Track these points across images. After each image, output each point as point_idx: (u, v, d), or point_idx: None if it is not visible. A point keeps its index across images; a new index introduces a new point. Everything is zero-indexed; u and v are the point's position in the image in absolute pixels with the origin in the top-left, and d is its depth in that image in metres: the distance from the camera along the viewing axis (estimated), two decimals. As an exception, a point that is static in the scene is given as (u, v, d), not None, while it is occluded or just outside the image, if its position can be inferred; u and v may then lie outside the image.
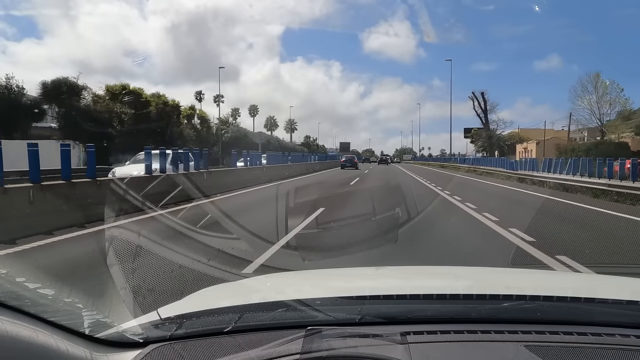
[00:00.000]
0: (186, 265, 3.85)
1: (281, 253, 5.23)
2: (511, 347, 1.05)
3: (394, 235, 6.14)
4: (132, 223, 6.96)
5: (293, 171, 23.88)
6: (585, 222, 8.61)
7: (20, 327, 0.88)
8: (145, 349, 1.07)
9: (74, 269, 4.47)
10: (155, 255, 4.12)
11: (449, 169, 39.77)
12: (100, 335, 1.08)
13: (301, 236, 6.26)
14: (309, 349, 1.00)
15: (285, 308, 1.23)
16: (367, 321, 1.18)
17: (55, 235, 6.20)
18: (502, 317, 1.20)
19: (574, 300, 1.31)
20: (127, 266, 3.19)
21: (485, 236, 6.64)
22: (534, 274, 2.60)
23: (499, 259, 5.26)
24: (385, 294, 1.39)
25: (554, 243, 5.97)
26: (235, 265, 4.28)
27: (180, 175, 11.55)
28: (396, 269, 2.41)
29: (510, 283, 1.76)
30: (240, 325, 1.16)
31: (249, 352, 1.02)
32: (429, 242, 6.07)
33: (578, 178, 15.10)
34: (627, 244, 6.33)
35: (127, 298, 2.14)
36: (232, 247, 5.09)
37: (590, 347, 1.05)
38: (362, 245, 5.56)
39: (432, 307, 1.28)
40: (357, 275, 2.01)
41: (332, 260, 4.75)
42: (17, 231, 6.03)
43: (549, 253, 5.24)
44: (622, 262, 5.05)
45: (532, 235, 6.33)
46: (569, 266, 4.71)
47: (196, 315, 1.22)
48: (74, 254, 5.33)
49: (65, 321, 1.02)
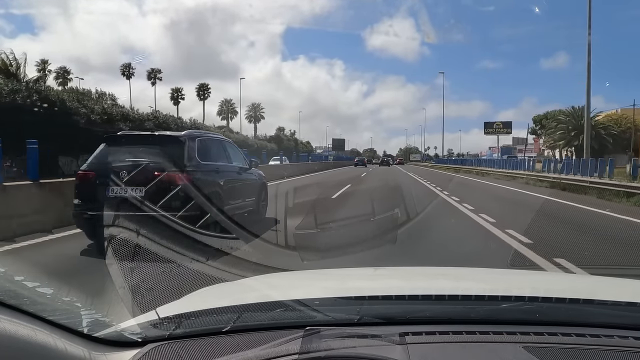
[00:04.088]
0: (185, 264, 3.85)
1: (280, 253, 5.22)
2: (510, 348, 1.05)
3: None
4: (130, 222, 6.95)
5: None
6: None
7: (19, 326, 0.88)
8: (143, 348, 1.07)
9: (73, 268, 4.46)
10: (154, 254, 4.11)
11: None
12: (99, 335, 1.08)
13: (300, 236, 6.25)
14: (307, 349, 0.99)
15: (283, 308, 1.23)
16: (366, 321, 1.18)
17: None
18: (500, 318, 1.20)
19: (572, 301, 1.31)
20: (125, 265, 3.19)
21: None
22: (532, 275, 2.60)
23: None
24: (384, 295, 1.39)
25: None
26: (234, 265, 4.28)
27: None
28: (395, 270, 2.41)
29: (509, 284, 1.76)
30: (239, 325, 1.16)
31: (248, 352, 1.02)
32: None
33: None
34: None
35: (125, 297, 2.13)
36: (231, 246, 5.09)
37: (589, 348, 1.05)
38: (361, 245, 5.55)
39: (430, 307, 1.28)
40: (356, 276, 2.01)
41: (331, 261, 4.74)
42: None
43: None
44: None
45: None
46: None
47: (195, 315, 1.22)
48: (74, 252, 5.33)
49: (63, 320, 1.02)
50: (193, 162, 6.10)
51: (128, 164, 5.73)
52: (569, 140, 40.50)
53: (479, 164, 37.27)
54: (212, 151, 6.99)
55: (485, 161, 37.99)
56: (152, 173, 5.59)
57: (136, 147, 6.30)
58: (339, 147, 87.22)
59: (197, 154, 6.30)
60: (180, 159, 5.90)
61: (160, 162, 5.77)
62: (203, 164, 6.38)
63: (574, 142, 39.47)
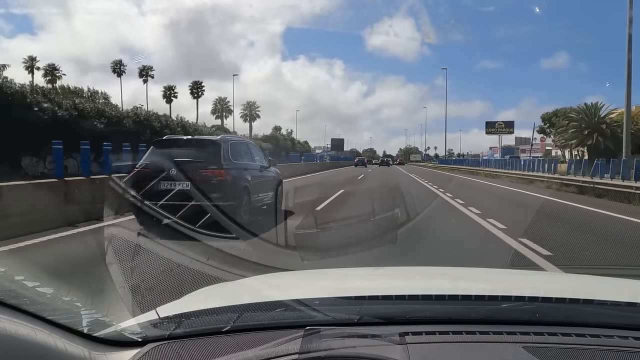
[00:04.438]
0: (185, 264, 3.85)
1: (280, 253, 5.22)
2: (510, 348, 1.05)
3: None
4: (130, 221, 6.96)
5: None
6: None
7: (19, 326, 0.88)
8: (143, 348, 1.07)
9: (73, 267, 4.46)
10: (154, 254, 4.12)
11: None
12: (99, 334, 1.08)
13: (300, 236, 6.25)
14: (307, 349, 1.00)
15: (283, 308, 1.23)
16: (366, 321, 1.18)
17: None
18: (500, 318, 1.20)
19: (572, 301, 1.31)
20: (125, 265, 3.19)
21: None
22: (532, 275, 2.60)
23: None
24: (384, 295, 1.39)
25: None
26: (234, 264, 4.28)
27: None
28: (395, 270, 2.40)
29: (509, 284, 1.76)
30: (239, 324, 1.16)
31: (248, 351, 1.02)
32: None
33: None
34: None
35: (125, 297, 2.13)
36: (231, 246, 5.09)
37: (589, 348, 1.05)
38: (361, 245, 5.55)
39: (430, 307, 1.28)
40: (356, 276, 2.01)
41: (331, 260, 4.74)
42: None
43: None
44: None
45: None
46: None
47: (195, 315, 1.22)
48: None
49: (64, 320, 1.02)
50: (227, 161, 7.29)
51: (175, 162, 6.81)
52: (581, 139, 37.85)
53: (487, 164, 34.49)
54: (241, 152, 8.15)
55: (495, 162, 35.12)
56: (196, 170, 6.84)
57: (180, 149, 7.53)
58: (337, 147, 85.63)
59: (230, 155, 7.48)
60: (218, 158, 7.13)
61: (201, 161, 7.03)
62: (234, 162, 7.54)
63: (587, 141, 36.94)
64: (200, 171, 6.87)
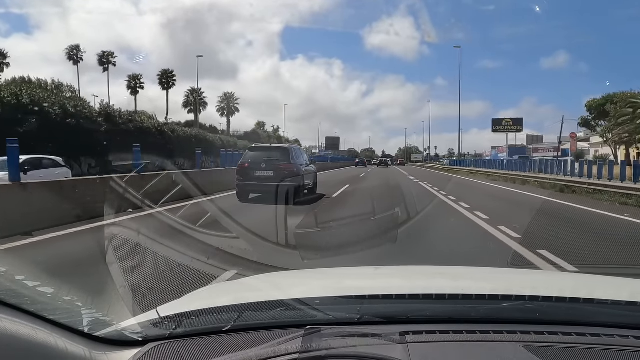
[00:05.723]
0: (185, 263, 3.85)
1: (280, 252, 5.22)
2: (510, 347, 1.05)
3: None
4: (130, 220, 6.96)
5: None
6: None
7: (20, 326, 0.88)
8: (144, 347, 1.07)
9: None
10: (154, 253, 4.12)
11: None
12: (100, 334, 1.08)
13: (300, 235, 6.25)
14: (307, 348, 1.00)
15: (284, 307, 1.23)
16: (366, 321, 1.18)
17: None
18: (501, 317, 1.20)
19: (573, 300, 1.31)
20: (126, 264, 3.19)
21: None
22: (533, 274, 2.60)
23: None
24: (385, 294, 1.39)
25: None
26: (235, 264, 4.28)
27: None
28: (395, 269, 2.40)
29: (510, 283, 1.76)
30: (239, 324, 1.16)
31: (248, 351, 1.02)
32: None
33: None
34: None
35: (126, 296, 2.13)
36: (231, 245, 5.09)
37: (589, 347, 1.05)
38: (362, 244, 5.55)
39: (431, 307, 1.28)
40: (357, 275, 2.01)
41: (331, 260, 4.73)
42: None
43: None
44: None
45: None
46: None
47: (195, 314, 1.22)
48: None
49: (64, 319, 1.02)
50: (293, 159, 11.99)
51: (264, 159, 11.70)
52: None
53: (523, 167, 24.83)
54: (298, 154, 13.08)
55: (519, 164, 26.47)
56: (277, 164, 11.56)
57: (264, 151, 12.58)
58: (332, 146, 77.76)
59: (294, 155, 12.33)
60: (287, 157, 11.91)
61: (278, 159, 11.81)
62: (296, 160, 12.29)
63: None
64: (278, 165, 11.51)
